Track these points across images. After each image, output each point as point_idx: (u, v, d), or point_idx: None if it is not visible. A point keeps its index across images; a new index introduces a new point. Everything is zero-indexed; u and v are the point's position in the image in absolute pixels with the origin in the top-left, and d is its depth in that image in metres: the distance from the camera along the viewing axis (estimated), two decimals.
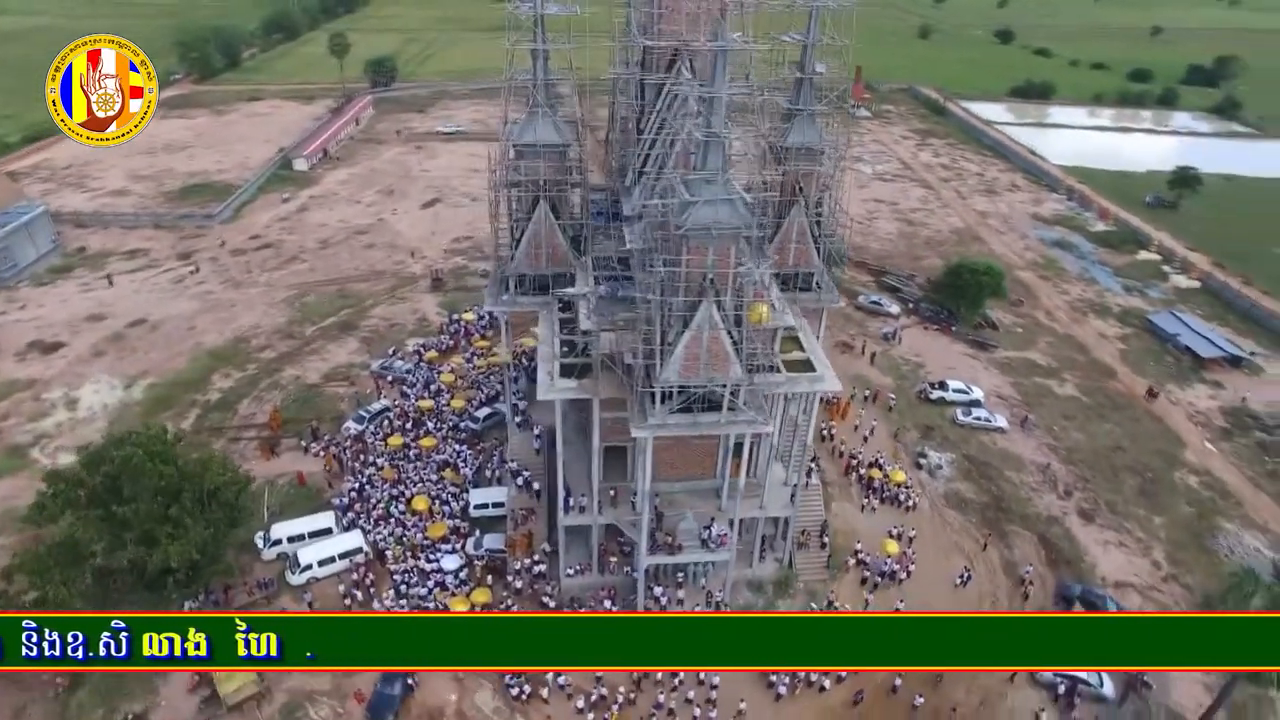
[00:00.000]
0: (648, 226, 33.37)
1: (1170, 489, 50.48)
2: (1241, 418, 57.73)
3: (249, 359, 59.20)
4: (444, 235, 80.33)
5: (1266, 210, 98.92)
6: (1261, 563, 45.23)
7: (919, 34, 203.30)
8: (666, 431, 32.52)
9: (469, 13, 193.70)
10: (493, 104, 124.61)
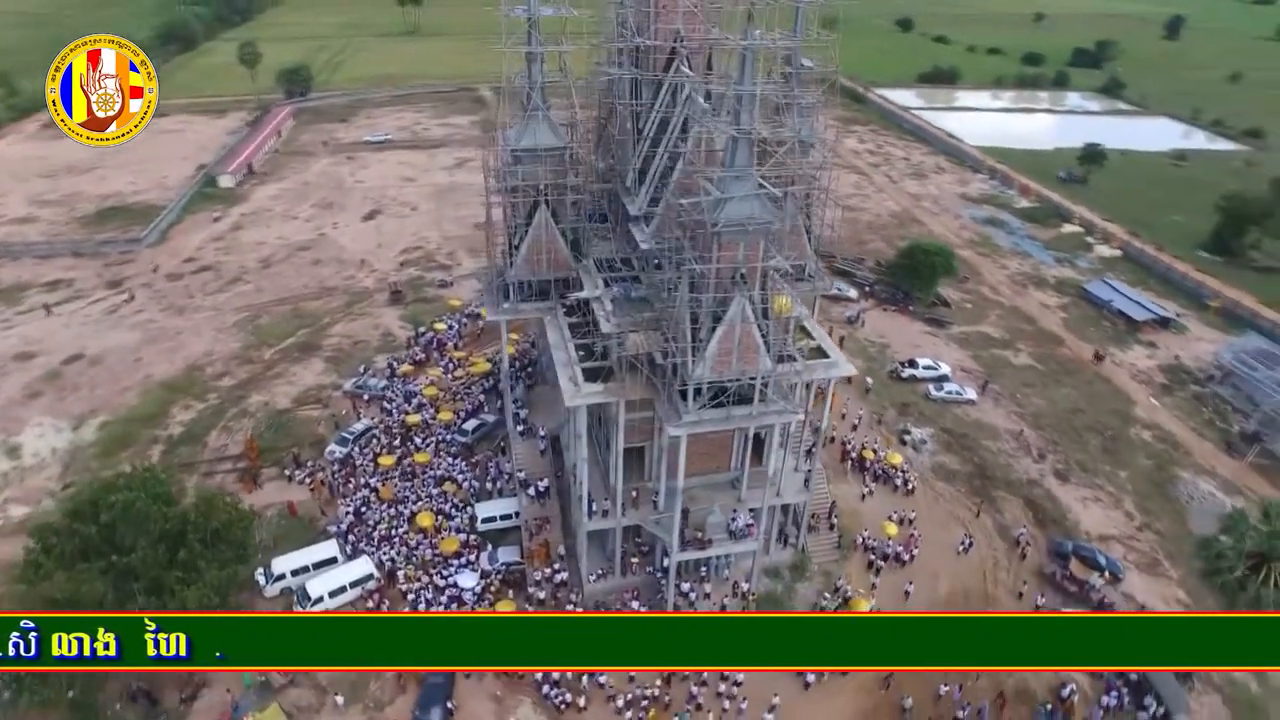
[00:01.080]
0: (663, 225, 33.53)
1: (1128, 445, 54.07)
2: (1177, 374, 62.35)
3: (208, 388, 56.20)
4: (391, 247, 78.12)
5: (1160, 181, 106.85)
6: (1218, 504, 49.09)
7: (822, 24, 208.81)
8: (702, 428, 32.81)
9: (374, 18, 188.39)
10: (416, 110, 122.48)
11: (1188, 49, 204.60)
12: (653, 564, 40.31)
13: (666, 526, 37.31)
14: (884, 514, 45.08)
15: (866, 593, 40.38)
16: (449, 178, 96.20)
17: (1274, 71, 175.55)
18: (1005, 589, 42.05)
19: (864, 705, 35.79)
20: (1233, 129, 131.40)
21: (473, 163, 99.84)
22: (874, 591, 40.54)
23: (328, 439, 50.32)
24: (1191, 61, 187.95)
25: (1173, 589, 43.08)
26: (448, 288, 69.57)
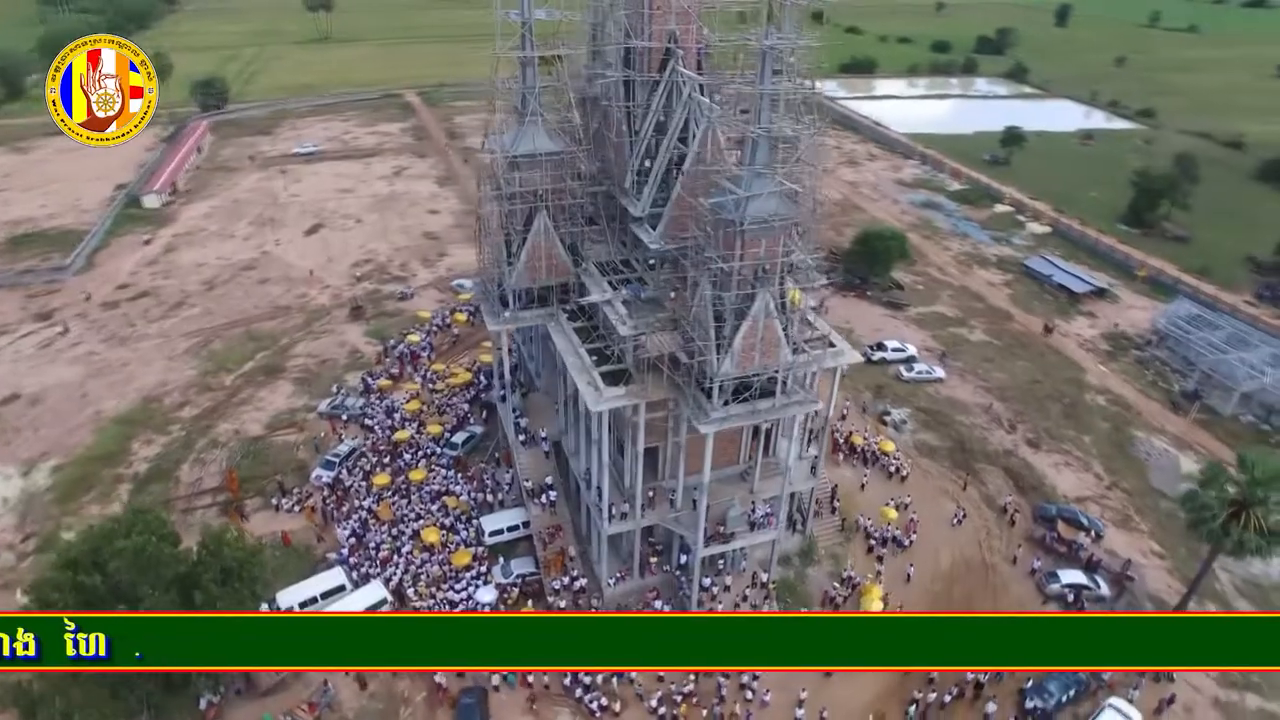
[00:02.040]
0: (671, 225, 33.81)
1: (1087, 410, 57.39)
2: (1119, 341, 66.48)
3: (168, 420, 53.33)
4: (341, 261, 75.65)
5: (1073, 160, 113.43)
6: (1172, 460, 52.72)
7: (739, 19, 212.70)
8: (729, 423, 33.21)
9: (282, 25, 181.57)
10: (343, 120, 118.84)
11: (1075, 35, 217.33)
12: (669, 563, 40.58)
13: (686, 523, 37.67)
14: (880, 499, 46.31)
15: (874, 578, 41.39)
16: (388, 187, 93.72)
17: (1153, 55, 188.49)
18: (1001, 556, 44.08)
19: (888, 683, 36.90)
20: (1128, 109, 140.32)
21: (410, 171, 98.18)
22: (879, 578, 41.55)
23: (310, 464, 48.60)
24: (1081, 47, 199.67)
25: (1146, 541, 46.17)
26: (408, 300, 67.90)
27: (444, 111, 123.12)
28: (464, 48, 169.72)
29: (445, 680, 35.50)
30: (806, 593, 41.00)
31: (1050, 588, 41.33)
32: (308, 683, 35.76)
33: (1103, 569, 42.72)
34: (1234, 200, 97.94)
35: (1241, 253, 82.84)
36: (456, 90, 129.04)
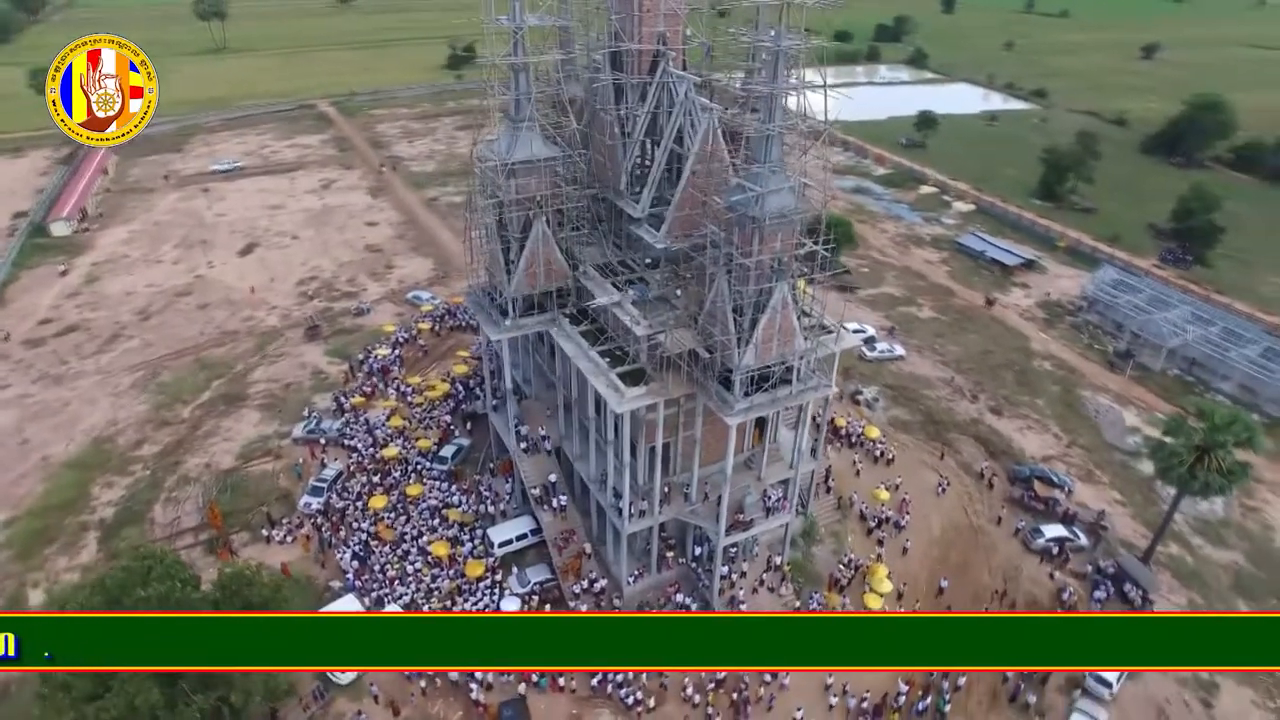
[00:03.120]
0: (675, 224, 34.43)
1: (1036, 375, 61.24)
2: (1053, 309, 71.07)
3: (127, 460, 50.36)
4: (284, 280, 72.78)
5: (982, 140, 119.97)
6: (1118, 415, 56.94)
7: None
8: (753, 413, 34.05)
9: (171, 35, 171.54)
10: (258, 133, 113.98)
11: (962, 21, 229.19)
12: (684, 556, 41.25)
13: (704, 515, 38.44)
14: (869, 482, 47.87)
15: (876, 558, 42.90)
16: (320, 201, 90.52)
17: (1036, 40, 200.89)
18: (985, 518, 46.72)
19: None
20: (1022, 90, 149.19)
21: (340, 184, 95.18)
22: (880, 559, 42.93)
23: (295, 491, 46.97)
24: (968, 32, 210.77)
25: (1109, 492, 49.80)
26: (365, 315, 66.01)
27: (363, 121, 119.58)
28: (371, 55, 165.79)
29: (482, 696, 35.17)
30: (815, 571, 42.41)
31: (1036, 543, 44.15)
32: (338, 715, 34.80)
33: (1079, 521, 45.87)
34: (1127, 173, 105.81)
35: (1141, 221, 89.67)
36: (373, 98, 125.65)
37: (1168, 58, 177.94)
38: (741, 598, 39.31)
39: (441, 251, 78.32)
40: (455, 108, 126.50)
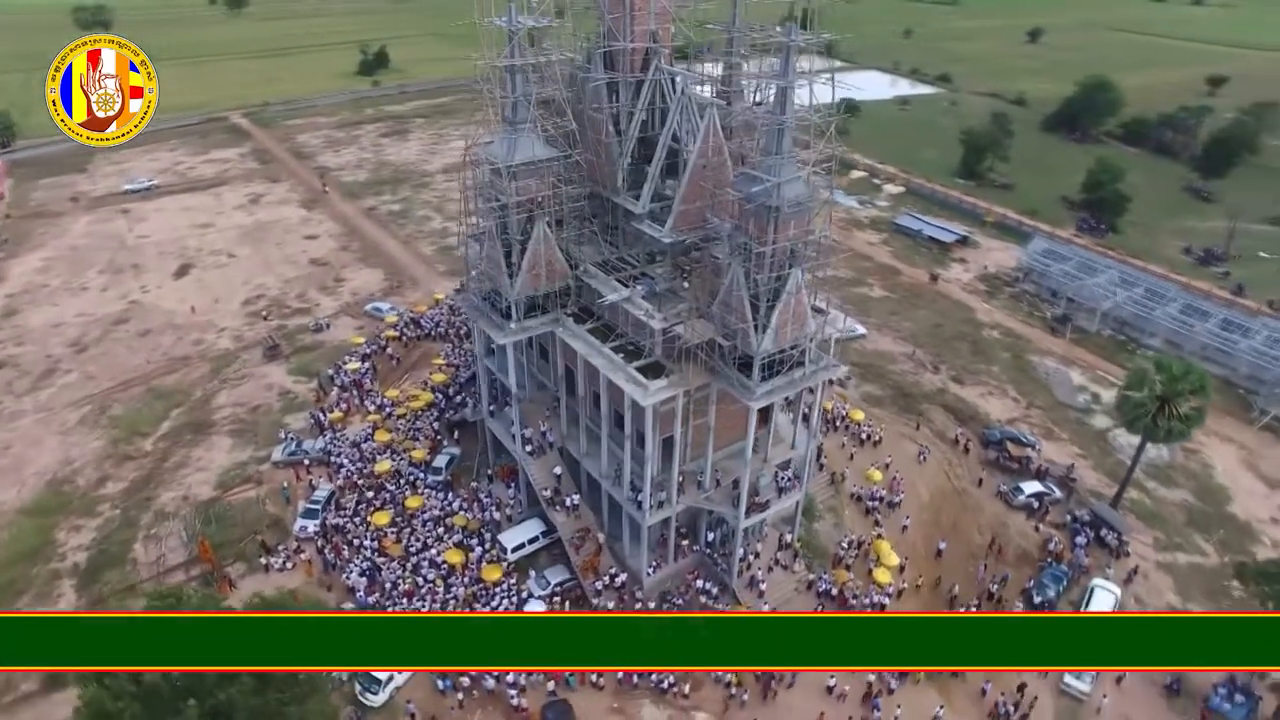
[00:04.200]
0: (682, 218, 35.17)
1: (987, 344, 64.92)
2: (992, 280, 75.33)
3: (92, 501, 47.53)
4: (229, 300, 69.62)
5: (899, 124, 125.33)
6: (1065, 375, 61.06)
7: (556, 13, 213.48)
8: (774, 396, 35.13)
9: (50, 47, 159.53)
10: (168, 149, 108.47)
11: (858, 10, 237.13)
12: (697, 542, 42.09)
13: (720, 500, 39.39)
14: (860, 462, 49.49)
15: (877, 536, 44.43)
16: (250, 217, 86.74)
17: (931, 27, 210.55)
18: (967, 481, 49.46)
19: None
20: (928, 75, 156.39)
21: (269, 198, 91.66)
22: (880, 537, 44.47)
23: (286, 516, 45.41)
24: (866, 20, 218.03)
25: (1069, 447, 53.47)
26: (324, 331, 63.94)
27: (281, 132, 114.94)
28: (274, 63, 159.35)
29: (524, 701, 35.12)
30: (821, 546, 44.00)
31: (1017, 500, 47.09)
32: None
33: (1051, 476, 49.12)
34: (1035, 150, 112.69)
35: (1054, 194, 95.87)
36: (288, 108, 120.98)
37: (1050, 42, 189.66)
38: (761, 578, 40.49)
39: (391, 262, 76.50)
40: (376, 115, 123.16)
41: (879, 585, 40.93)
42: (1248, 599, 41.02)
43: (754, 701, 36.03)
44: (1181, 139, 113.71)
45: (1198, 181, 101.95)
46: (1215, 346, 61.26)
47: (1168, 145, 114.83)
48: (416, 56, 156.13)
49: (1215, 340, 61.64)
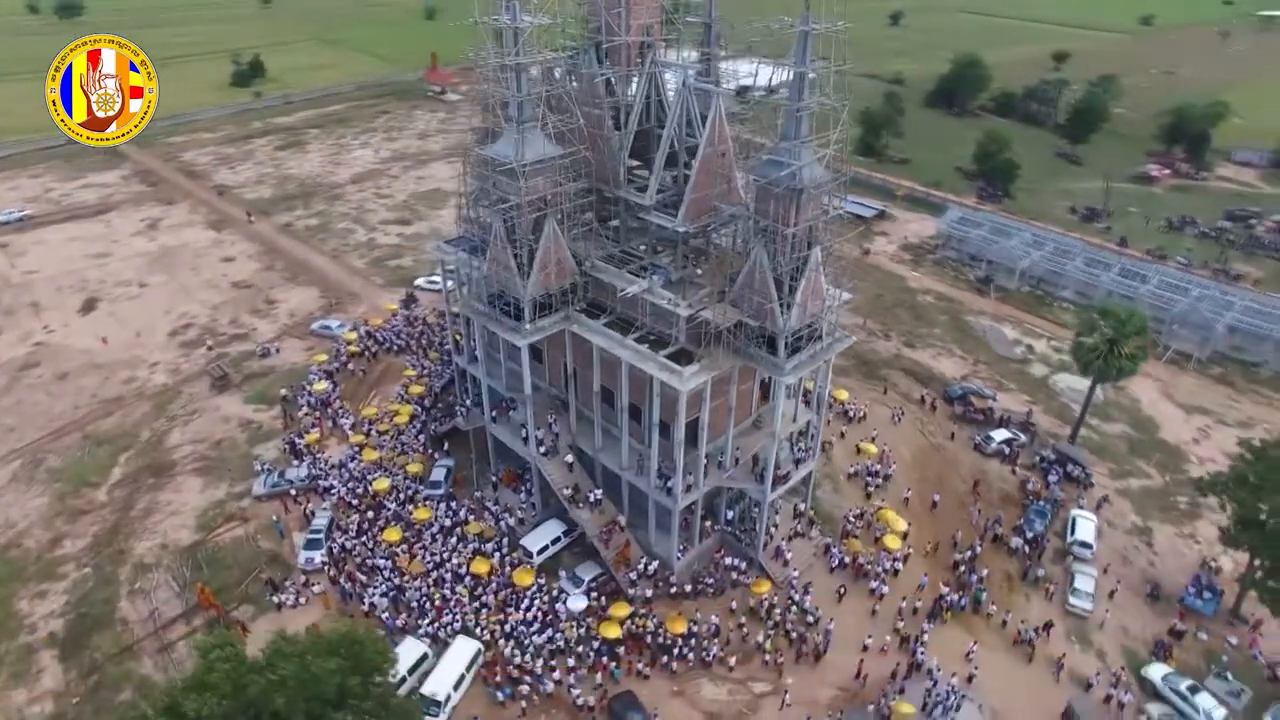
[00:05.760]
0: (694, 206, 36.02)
1: (926, 309, 69.29)
2: (915, 250, 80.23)
3: (50, 563, 43.48)
4: (153, 332, 64.57)
5: None
6: (1000, 332, 66.11)
7: (425, 15, 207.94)
8: (802, 370, 36.45)
9: None
10: (31, 176, 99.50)
11: None
12: (718, 522, 43.14)
13: (742, 478, 40.60)
14: (850, 438, 51.90)
15: (879, 507, 46.33)
16: (153, 243, 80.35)
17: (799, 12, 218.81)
18: (941, 436, 52.92)
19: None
20: None
21: (169, 221, 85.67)
22: (883, 506, 46.50)
23: (284, 550, 43.14)
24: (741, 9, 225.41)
25: (1019, 395, 58.11)
26: (272, 355, 60.48)
27: (163, 151, 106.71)
28: None
29: (589, 698, 35.15)
30: (828, 512, 46.05)
31: (989, 448, 50.84)
32: None
33: (1013, 423, 53.28)
34: (922, 126, 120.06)
35: (948, 166, 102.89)
36: (167, 125, 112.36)
37: (910, 24, 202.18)
38: (785, 548, 42.05)
39: (322, 279, 73.05)
40: (265, 128, 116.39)
41: (889, 551, 43.04)
42: (1200, 509, 46.62)
43: (803, 666, 37.50)
44: (1045, 109, 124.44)
45: (1066, 148, 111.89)
46: (1119, 293, 67.86)
47: (1034, 115, 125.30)
48: (295, 65, 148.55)
49: (1119, 287, 68.34)
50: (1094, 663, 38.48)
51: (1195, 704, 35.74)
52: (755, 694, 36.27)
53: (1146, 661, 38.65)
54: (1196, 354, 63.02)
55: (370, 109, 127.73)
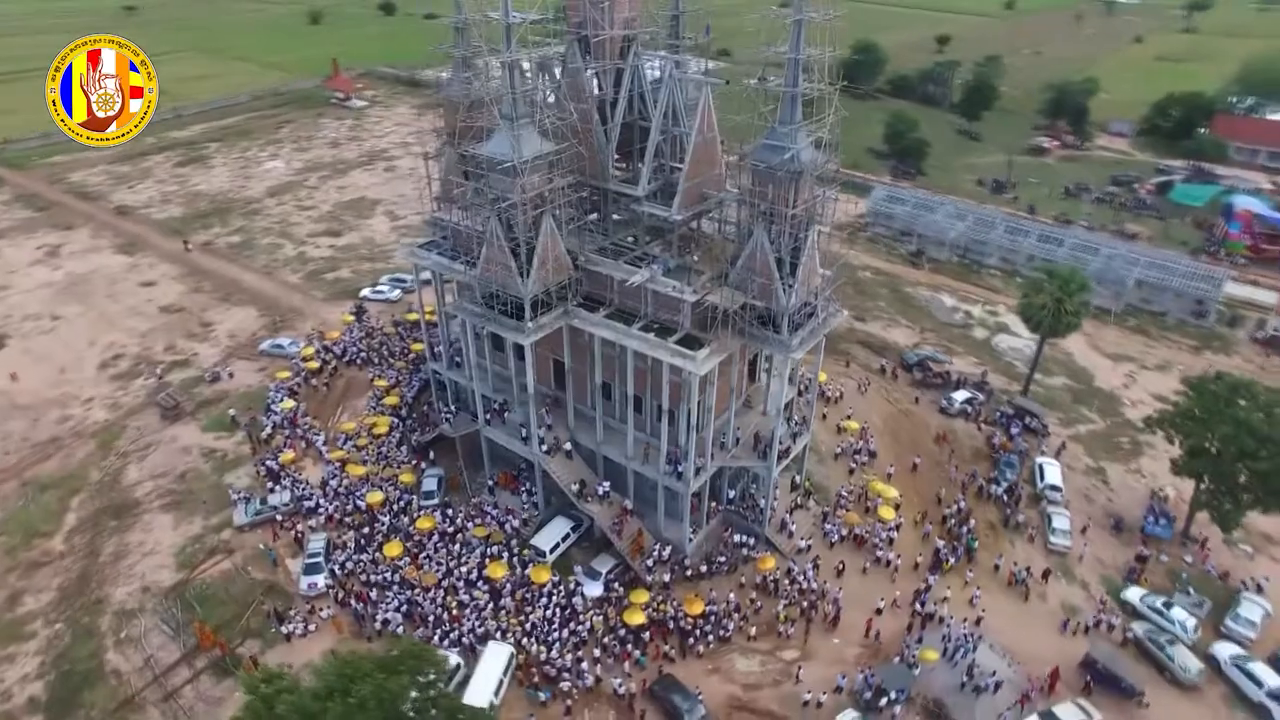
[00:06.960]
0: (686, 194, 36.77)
1: (867, 284, 72.46)
2: (847, 229, 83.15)
3: (13, 623, 40.08)
4: (80, 366, 59.97)
5: None
6: (940, 301, 69.95)
7: (310, 20, 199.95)
8: (805, 346, 37.74)
9: None
10: None
11: None
12: (722, 502, 44.11)
13: (746, 456, 41.71)
14: (830, 419, 53.54)
15: (870, 479, 48.11)
16: (55, 272, 74.29)
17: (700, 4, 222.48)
18: (906, 401, 55.69)
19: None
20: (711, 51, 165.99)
21: (71, 248, 79.69)
22: (870, 480, 48.21)
23: (279, 579, 41.34)
24: None
25: (968, 358, 61.73)
26: (220, 380, 57.32)
27: (45, 172, 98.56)
28: None
29: (632, 686, 35.44)
30: (819, 482, 47.82)
31: (953, 409, 53.92)
32: None
33: (970, 384, 56.64)
34: None
35: (860, 146, 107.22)
36: (43, 144, 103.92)
37: None
38: (789, 520, 43.46)
39: (258, 297, 69.59)
40: (159, 143, 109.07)
41: (883, 522, 44.99)
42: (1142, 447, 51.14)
43: (823, 631, 39.00)
44: (940, 90, 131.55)
45: (965, 125, 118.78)
46: (1041, 257, 72.92)
47: (930, 96, 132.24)
48: (177, 75, 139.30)
49: (1039, 251, 73.48)
50: (1079, 593, 41.73)
51: (1171, 618, 39.36)
52: (786, 660, 37.47)
53: (1122, 587, 42.16)
54: (1113, 308, 68.56)
55: (271, 119, 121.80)
